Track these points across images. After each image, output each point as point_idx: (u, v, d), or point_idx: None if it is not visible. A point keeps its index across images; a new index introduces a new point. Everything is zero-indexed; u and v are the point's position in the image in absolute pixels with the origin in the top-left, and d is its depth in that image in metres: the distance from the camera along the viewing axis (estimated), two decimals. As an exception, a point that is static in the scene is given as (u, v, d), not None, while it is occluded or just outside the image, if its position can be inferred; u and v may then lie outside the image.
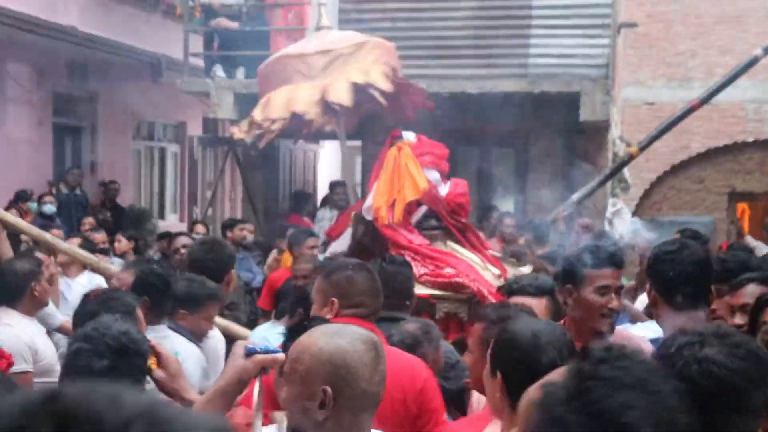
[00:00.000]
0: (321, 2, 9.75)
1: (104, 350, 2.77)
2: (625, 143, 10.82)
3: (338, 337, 2.34)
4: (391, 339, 3.69)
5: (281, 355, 2.43)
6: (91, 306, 3.69)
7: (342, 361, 2.25)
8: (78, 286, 6.53)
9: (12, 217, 6.31)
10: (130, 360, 2.76)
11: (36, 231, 6.40)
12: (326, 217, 10.83)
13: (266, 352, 2.45)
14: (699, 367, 2.01)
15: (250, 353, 2.43)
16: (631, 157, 9.95)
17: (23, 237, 7.05)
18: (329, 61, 8.15)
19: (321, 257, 6.48)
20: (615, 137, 11.50)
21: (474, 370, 3.06)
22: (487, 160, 11.54)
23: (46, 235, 6.33)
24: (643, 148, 9.83)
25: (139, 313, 3.69)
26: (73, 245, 6.74)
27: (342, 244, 6.42)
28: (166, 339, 4.03)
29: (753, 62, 9.66)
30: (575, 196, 9.64)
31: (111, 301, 3.67)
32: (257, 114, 8.12)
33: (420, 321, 4.25)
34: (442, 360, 4.06)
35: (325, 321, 3.08)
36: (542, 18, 10.52)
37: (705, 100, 9.64)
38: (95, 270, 6.62)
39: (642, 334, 3.87)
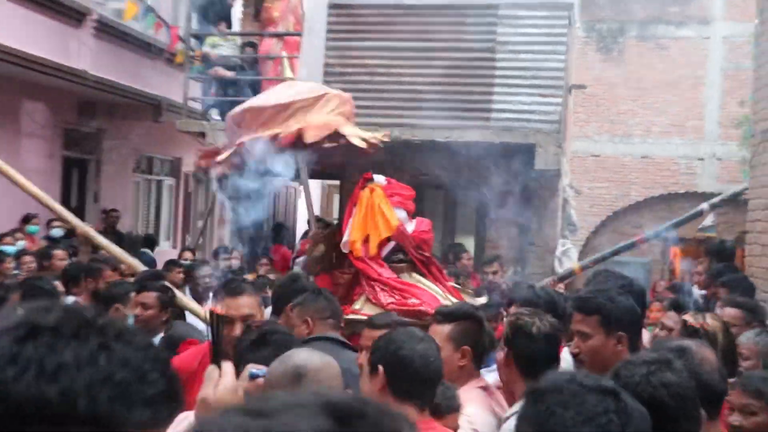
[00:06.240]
0: (294, 56, 9.51)
1: None
2: (574, 190, 11.08)
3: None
4: None
5: None
6: None
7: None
8: None
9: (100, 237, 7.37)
10: None
11: (106, 242, 7.31)
12: (305, 248, 10.98)
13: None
14: (667, 391, 2.22)
15: (253, 377, 2.49)
16: (572, 273, 9.62)
17: None
18: (289, 115, 7.78)
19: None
20: (565, 184, 11.73)
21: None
22: (452, 202, 11.61)
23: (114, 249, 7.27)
24: (584, 268, 9.40)
25: None
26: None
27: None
28: None
29: (697, 214, 9.82)
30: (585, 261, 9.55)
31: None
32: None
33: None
34: None
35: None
36: (504, 78, 10.65)
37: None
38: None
39: None
